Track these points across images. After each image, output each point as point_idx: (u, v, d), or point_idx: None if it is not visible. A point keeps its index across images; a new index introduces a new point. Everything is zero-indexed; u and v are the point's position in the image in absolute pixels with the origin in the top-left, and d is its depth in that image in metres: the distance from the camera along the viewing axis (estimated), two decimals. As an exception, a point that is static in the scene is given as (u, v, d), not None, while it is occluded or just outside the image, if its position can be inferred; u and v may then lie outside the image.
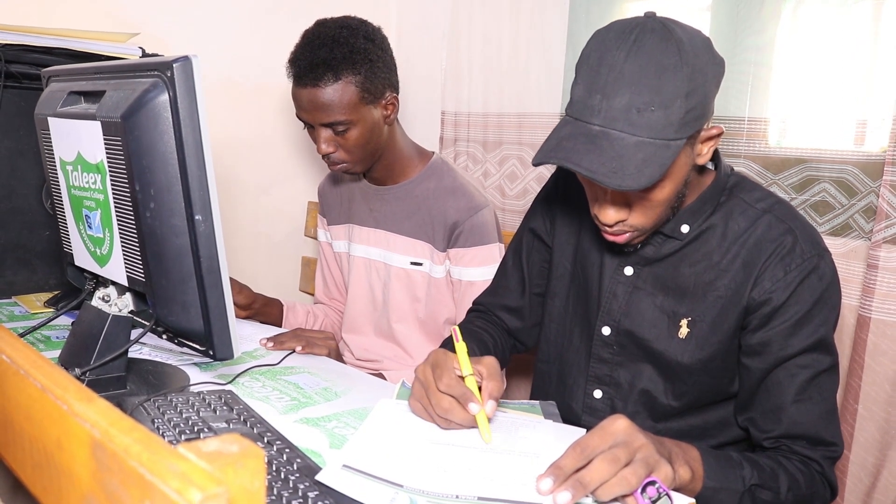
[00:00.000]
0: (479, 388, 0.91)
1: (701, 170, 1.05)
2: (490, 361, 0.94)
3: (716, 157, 1.06)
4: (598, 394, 1.13)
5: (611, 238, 1.00)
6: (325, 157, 1.42)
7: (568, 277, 1.19)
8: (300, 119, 1.41)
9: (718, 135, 0.96)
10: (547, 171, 1.79)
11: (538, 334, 1.25)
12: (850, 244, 1.36)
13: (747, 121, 1.47)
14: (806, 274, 0.96)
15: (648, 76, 0.86)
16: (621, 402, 1.11)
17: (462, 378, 0.92)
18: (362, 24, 1.41)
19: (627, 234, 0.99)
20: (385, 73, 1.40)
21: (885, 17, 1.30)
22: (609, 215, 0.96)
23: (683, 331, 1.03)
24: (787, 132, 1.44)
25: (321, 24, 1.41)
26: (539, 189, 1.29)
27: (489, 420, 0.90)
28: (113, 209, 0.95)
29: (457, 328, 0.98)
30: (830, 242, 1.02)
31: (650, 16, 0.91)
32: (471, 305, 1.35)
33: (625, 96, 0.86)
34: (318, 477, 0.76)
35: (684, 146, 0.91)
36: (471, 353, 1.07)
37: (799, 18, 1.40)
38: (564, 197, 1.20)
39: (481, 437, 0.88)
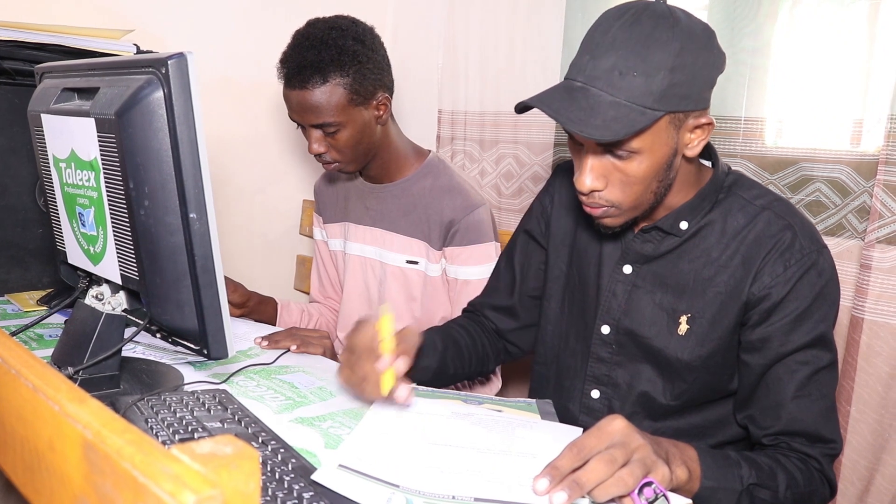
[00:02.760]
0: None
1: (699, 167, 1.05)
2: (406, 330, 1.01)
3: (713, 155, 1.06)
4: (595, 394, 1.12)
5: (588, 210, 1.01)
6: (317, 156, 1.42)
7: (563, 279, 1.18)
8: (292, 119, 1.41)
9: (708, 125, 0.96)
10: (543, 170, 1.79)
11: (535, 337, 1.25)
12: (844, 244, 1.36)
13: (744, 120, 1.47)
14: (805, 269, 0.96)
15: (637, 44, 0.88)
16: (619, 402, 1.10)
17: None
18: (353, 24, 1.40)
19: (603, 209, 0.99)
20: (376, 74, 1.39)
21: (881, 17, 1.30)
22: (584, 182, 0.96)
23: (683, 328, 1.03)
24: (784, 132, 1.44)
25: (311, 25, 1.40)
26: (534, 188, 1.28)
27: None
28: (107, 207, 0.94)
29: (386, 305, 1.02)
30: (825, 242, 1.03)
31: (661, 0, 0.93)
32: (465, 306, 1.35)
33: (610, 58, 0.89)
34: (314, 477, 0.75)
35: (667, 125, 0.92)
36: (435, 349, 1.14)
37: (796, 18, 1.39)
38: (560, 198, 1.20)
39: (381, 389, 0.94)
